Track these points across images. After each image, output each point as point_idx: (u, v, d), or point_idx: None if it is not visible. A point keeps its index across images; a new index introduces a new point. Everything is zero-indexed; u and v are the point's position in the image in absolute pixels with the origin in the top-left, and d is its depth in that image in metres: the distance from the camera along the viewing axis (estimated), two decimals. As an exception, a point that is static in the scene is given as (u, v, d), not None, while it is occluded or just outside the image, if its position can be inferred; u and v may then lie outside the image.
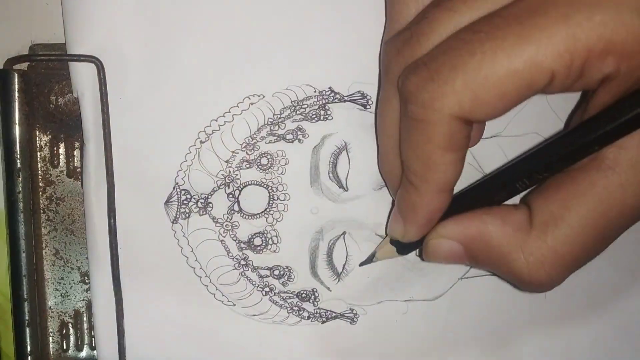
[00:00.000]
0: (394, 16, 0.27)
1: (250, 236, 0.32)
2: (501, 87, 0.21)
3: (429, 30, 0.24)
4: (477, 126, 0.29)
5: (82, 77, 0.30)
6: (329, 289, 0.32)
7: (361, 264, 0.32)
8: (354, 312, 0.33)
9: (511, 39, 0.21)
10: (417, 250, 0.30)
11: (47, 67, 0.31)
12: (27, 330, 0.31)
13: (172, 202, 0.31)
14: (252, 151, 0.31)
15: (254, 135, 0.31)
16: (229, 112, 0.31)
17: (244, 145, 0.31)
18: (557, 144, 0.24)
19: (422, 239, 0.28)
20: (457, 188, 0.31)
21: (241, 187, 0.31)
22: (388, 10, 0.28)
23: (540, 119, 0.32)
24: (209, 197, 0.31)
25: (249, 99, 0.31)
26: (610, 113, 0.22)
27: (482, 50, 0.21)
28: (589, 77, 0.22)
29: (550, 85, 0.22)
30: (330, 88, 0.31)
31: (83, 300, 0.32)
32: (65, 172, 0.32)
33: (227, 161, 0.31)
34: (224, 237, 0.32)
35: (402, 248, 0.29)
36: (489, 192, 0.27)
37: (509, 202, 0.27)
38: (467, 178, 0.31)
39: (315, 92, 0.31)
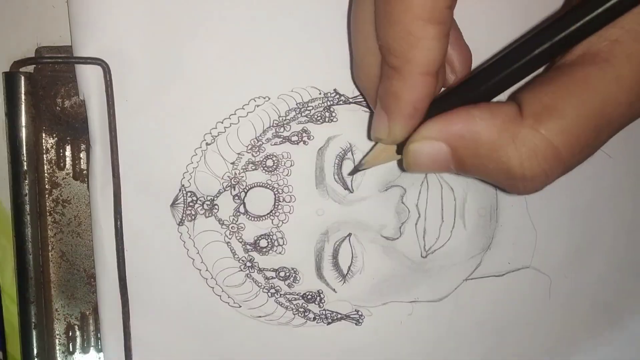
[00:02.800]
0: None
1: (256, 238, 0.32)
2: None
3: None
4: (463, 54, 0.28)
5: (88, 79, 0.30)
6: (334, 290, 0.33)
7: (350, 173, 0.31)
8: (360, 313, 0.33)
9: None
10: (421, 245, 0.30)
11: (54, 69, 0.31)
12: (34, 333, 0.31)
13: (178, 204, 0.31)
14: (258, 153, 0.31)
15: (260, 137, 0.31)
16: (235, 114, 0.31)
17: (249, 147, 0.31)
18: (549, 30, 0.22)
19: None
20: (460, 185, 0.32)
21: (247, 189, 0.32)
22: None
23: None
24: (215, 199, 0.31)
25: (255, 101, 0.31)
26: None
27: None
28: None
29: None
30: (335, 90, 0.32)
31: (89, 302, 0.32)
32: (71, 175, 0.32)
33: (232, 163, 0.31)
34: (230, 239, 0.32)
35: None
36: (478, 86, 0.24)
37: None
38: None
39: (320, 94, 0.32)
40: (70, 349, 0.32)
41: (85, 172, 0.32)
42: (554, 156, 0.22)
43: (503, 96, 0.26)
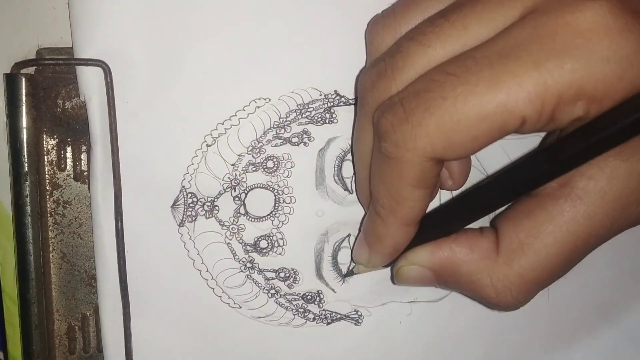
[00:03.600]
0: (370, 47, 0.28)
1: (256, 239, 0.32)
2: (473, 131, 0.22)
3: (402, 65, 0.24)
4: (463, 163, 0.30)
5: (89, 81, 0.30)
6: (334, 290, 0.33)
7: (345, 276, 0.33)
8: (359, 313, 0.33)
9: (483, 84, 0.21)
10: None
11: (54, 71, 0.31)
12: (35, 334, 0.31)
13: (178, 205, 0.31)
14: (258, 154, 0.32)
15: (260, 139, 0.32)
16: (235, 115, 0.31)
17: (250, 148, 0.32)
18: (521, 170, 0.25)
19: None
20: (460, 191, 0.32)
21: (247, 190, 0.32)
22: (366, 40, 0.28)
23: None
24: (215, 200, 0.32)
25: (255, 102, 0.31)
26: (577, 136, 0.23)
27: (454, 95, 0.22)
28: (559, 120, 0.22)
29: (522, 128, 0.22)
30: (335, 91, 0.32)
31: (90, 303, 0.32)
32: (72, 176, 0.32)
33: (233, 164, 0.32)
34: (230, 240, 0.32)
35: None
36: (459, 214, 0.28)
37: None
38: (470, 180, 0.32)
39: (320, 95, 0.32)
40: (71, 350, 0.32)
41: (86, 173, 0.32)
42: (527, 289, 0.26)
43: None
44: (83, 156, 0.32)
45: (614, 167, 0.23)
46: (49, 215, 0.32)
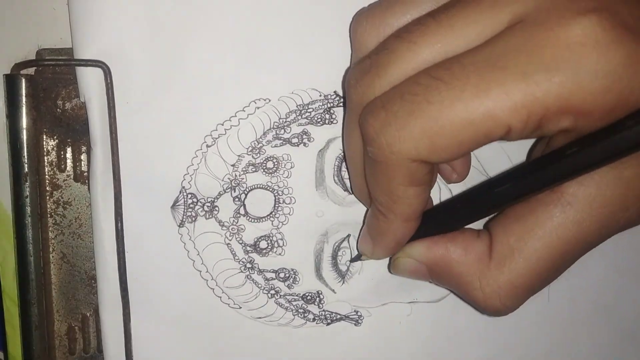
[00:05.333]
0: (355, 44, 0.27)
1: (256, 239, 0.32)
2: (458, 136, 0.22)
3: (386, 62, 0.24)
4: (464, 160, 0.30)
5: (89, 81, 0.30)
6: (333, 291, 0.33)
7: (351, 260, 0.32)
8: (359, 313, 0.33)
9: (469, 91, 0.21)
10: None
11: (54, 71, 0.31)
12: (35, 334, 0.31)
13: (178, 205, 0.31)
14: (258, 155, 0.32)
15: (260, 139, 0.32)
16: (235, 116, 0.31)
17: (250, 149, 0.32)
18: (513, 179, 0.25)
19: None
20: (461, 189, 0.32)
21: (247, 190, 0.32)
22: (350, 33, 0.28)
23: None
24: (215, 200, 0.32)
25: (255, 102, 0.31)
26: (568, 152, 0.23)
27: (440, 100, 0.22)
28: (546, 130, 0.22)
29: (507, 136, 0.22)
30: (335, 92, 0.32)
31: (90, 304, 0.32)
32: (72, 176, 0.32)
33: (233, 165, 0.32)
34: (230, 240, 0.32)
35: None
36: (458, 214, 0.28)
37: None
38: (472, 181, 0.32)
39: (320, 96, 0.32)
40: (71, 351, 0.32)
41: (86, 173, 0.32)
42: (515, 295, 0.26)
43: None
44: (83, 157, 0.32)
45: (602, 173, 0.24)
46: (49, 215, 0.32)
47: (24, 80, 0.30)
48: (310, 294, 0.33)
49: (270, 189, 0.32)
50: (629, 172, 0.24)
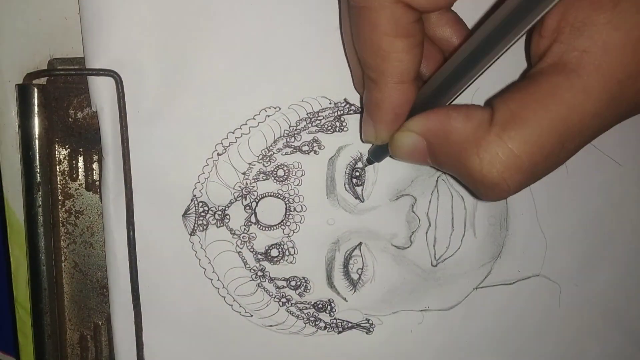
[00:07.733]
0: None
1: (267, 247, 0.32)
2: None
3: None
4: (454, 21, 0.28)
5: (101, 91, 0.30)
6: (345, 299, 0.33)
7: (364, 165, 0.32)
8: (370, 322, 0.33)
9: None
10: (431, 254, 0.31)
11: (66, 81, 0.31)
12: (47, 343, 0.31)
13: (189, 214, 0.31)
14: (269, 163, 0.32)
15: (271, 147, 0.32)
16: (246, 124, 0.31)
17: (260, 157, 0.32)
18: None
19: None
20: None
21: (258, 198, 0.32)
22: None
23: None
24: (226, 209, 0.32)
25: (265, 111, 0.31)
26: None
27: None
28: None
29: None
30: (345, 100, 0.32)
31: (102, 312, 0.32)
32: (84, 186, 0.32)
33: (244, 173, 0.32)
34: (241, 248, 0.32)
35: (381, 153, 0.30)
36: (454, 73, 0.25)
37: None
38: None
39: (330, 103, 0.32)
40: (84, 359, 0.32)
41: (97, 183, 0.32)
42: (515, 165, 0.23)
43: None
44: (95, 166, 0.32)
45: (607, 37, 0.22)
46: (61, 225, 0.32)
47: (36, 90, 0.30)
48: (321, 302, 0.33)
49: (281, 197, 0.32)
50: (637, 33, 0.22)
